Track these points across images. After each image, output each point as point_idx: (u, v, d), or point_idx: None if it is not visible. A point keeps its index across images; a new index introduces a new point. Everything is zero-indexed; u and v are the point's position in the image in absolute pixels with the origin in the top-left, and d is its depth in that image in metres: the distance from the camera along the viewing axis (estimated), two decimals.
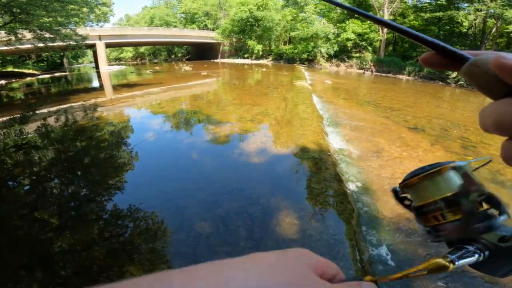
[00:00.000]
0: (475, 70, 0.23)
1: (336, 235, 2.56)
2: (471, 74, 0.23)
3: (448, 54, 0.25)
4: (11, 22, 13.84)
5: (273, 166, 4.15)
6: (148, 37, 34.40)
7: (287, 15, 32.09)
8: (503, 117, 0.20)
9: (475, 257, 0.26)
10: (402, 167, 4.47)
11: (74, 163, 4.40)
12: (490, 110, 0.21)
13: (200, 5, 48.40)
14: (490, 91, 0.22)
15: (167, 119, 7.27)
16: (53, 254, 2.39)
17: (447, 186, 0.29)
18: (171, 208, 3.09)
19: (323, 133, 5.63)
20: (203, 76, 18.47)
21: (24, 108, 9.36)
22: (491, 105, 0.22)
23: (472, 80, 0.24)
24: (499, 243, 0.25)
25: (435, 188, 0.29)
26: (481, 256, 0.26)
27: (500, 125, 0.21)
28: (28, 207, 3.15)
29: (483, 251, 0.26)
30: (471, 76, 0.23)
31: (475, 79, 0.23)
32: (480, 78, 0.23)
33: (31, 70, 29.20)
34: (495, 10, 16.61)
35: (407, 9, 26.96)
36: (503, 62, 0.20)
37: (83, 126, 6.60)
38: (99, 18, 22.40)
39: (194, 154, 4.81)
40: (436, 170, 0.29)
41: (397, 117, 7.77)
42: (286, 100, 9.00)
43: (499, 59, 0.20)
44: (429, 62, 0.27)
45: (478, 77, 0.23)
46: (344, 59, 27.48)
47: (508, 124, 0.20)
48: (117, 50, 58.29)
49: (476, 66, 0.23)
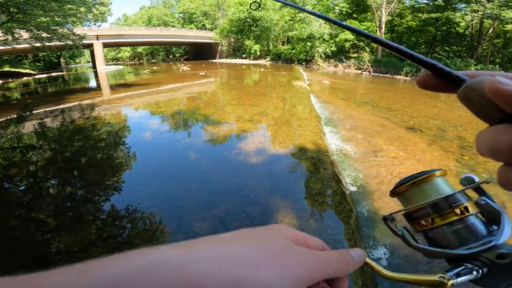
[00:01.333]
0: (471, 94, 0.22)
1: (335, 235, 2.56)
2: (467, 98, 0.23)
3: (445, 75, 0.25)
4: (8, 21, 13.72)
5: (271, 166, 4.15)
6: (146, 37, 34.32)
7: (285, 15, 32.13)
8: (497, 144, 0.20)
9: (474, 274, 0.26)
10: (400, 167, 4.48)
11: (71, 163, 4.38)
12: (485, 136, 0.21)
13: (198, 5, 48.38)
14: (485, 116, 0.22)
15: (165, 119, 7.26)
16: (50, 255, 2.38)
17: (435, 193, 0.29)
18: (169, 208, 3.08)
19: (321, 133, 5.64)
20: (201, 76, 18.45)
21: (21, 108, 9.30)
22: (486, 130, 0.21)
23: (467, 104, 0.23)
24: (497, 260, 0.25)
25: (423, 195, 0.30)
26: (480, 273, 0.26)
27: (494, 152, 0.20)
28: (25, 207, 3.13)
29: (481, 267, 0.27)
30: (467, 99, 0.23)
31: (470, 103, 0.22)
32: (476, 103, 0.22)
33: (27, 69, 29.06)
34: (492, 10, 16.72)
35: (404, 9, 27.08)
36: (498, 88, 0.19)
37: (80, 126, 6.56)
38: (97, 17, 22.30)
39: (192, 154, 4.80)
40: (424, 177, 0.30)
41: (394, 117, 7.80)
42: (284, 100, 9.00)
43: (494, 83, 0.19)
44: (426, 84, 0.26)
45: (474, 101, 0.22)
46: (342, 59, 27.55)
47: (502, 152, 0.20)
48: (115, 50, 58.10)
49: (472, 89, 0.22)
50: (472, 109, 0.22)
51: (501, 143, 0.19)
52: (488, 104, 0.21)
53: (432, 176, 0.30)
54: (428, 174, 0.30)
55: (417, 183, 0.30)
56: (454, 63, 18.64)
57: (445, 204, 0.29)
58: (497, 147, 0.20)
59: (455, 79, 0.24)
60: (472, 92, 0.22)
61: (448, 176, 0.34)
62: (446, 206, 0.28)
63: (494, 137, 0.20)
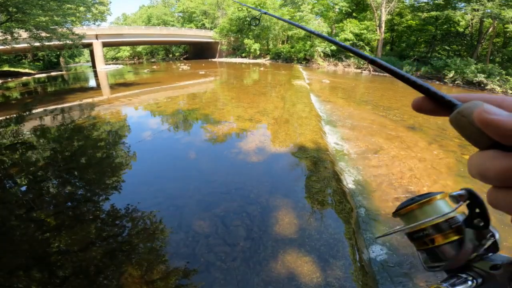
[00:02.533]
0: (461, 120, 0.23)
1: (336, 234, 2.56)
2: (458, 124, 0.23)
3: (438, 100, 0.25)
4: (7, 21, 13.67)
5: (271, 165, 4.15)
6: (145, 36, 34.24)
7: (285, 14, 32.06)
8: (485, 170, 0.21)
9: (468, 284, 0.28)
10: (400, 166, 4.48)
11: (71, 163, 4.37)
12: (474, 161, 0.22)
13: (198, 4, 48.26)
14: (475, 142, 0.22)
15: (165, 118, 7.25)
16: (51, 254, 2.37)
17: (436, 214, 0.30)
18: (169, 208, 3.08)
19: (321, 132, 5.63)
20: (201, 76, 18.42)
21: (20, 107, 9.28)
22: (476, 155, 0.22)
23: (458, 130, 0.23)
24: (491, 271, 0.27)
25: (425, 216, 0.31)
26: (474, 282, 0.28)
27: (482, 176, 0.21)
28: (25, 207, 3.13)
29: (476, 278, 0.28)
30: (458, 125, 0.23)
31: (461, 129, 0.23)
32: (466, 129, 0.22)
33: (27, 69, 28.99)
34: (492, 10, 16.68)
35: (404, 8, 27.02)
36: (485, 118, 0.20)
37: (80, 126, 6.55)
38: (96, 17, 22.24)
39: (192, 153, 4.79)
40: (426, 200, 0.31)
41: (394, 116, 7.79)
42: (284, 99, 8.99)
43: (482, 114, 0.20)
44: (421, 107, 0.27)
45: (464, 127, 0.23)
46: (341, 58, 27.51)
47: (489, 177, 0.20)
48: (114, 49, 57.99)
49: (462, 115, 0.23)
50: (463, 135, 0.23)
51: (488, 169, 0.20)
52: (477, 131, 0.21)
53: (434, 199, 0.31)
54: (429, 197, 0.31)
55: (419, 205, 0.32)
56: (454, 62, 18.60)
57: (446, 225, 0.30)
58: (484, 173, 0.21)
59: (447, 103, 0.25)
60: (463, 118, 0.23)
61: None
62: (446, 227, 0.30)
63: (482, 162, 0.21)
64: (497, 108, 0.20)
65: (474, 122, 0.21)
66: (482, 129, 0.21)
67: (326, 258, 2.27)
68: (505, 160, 0.19)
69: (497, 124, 0.19)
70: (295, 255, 2.30)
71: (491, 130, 0.20)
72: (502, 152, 0.20)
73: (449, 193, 0.31)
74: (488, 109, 0.20)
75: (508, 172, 0.19)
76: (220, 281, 2.10)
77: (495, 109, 0.20)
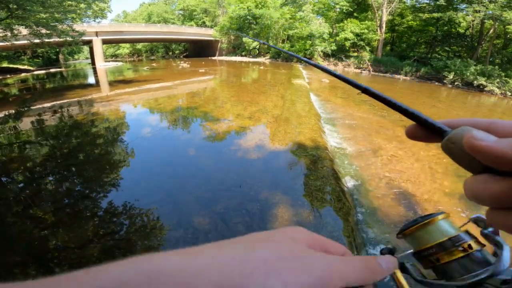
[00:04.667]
0: (452, 147, 0.23)
1: (334, 232, 2.57)
2: (449, 150, 0.24)
3: (428, 127, 0.26)
4: (7, 18, 13.60)
5: (271, 163, 4.15)
6: (145, 34, 34.15)
7: (286, 14, 32.03)
8: (478, 193, 0.21)
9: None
10: (398, 165, 4.49)
11: (69, 160, 4.36)
12: (469, 185, 0.22)
13: (198, 2, 48.18)
14: (467, 167, 0.23)
15: (164, 116, 7.24)
16: (48, 251, 2.37)
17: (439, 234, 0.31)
18: (168, 205, 3.08)
19: (320, 131, 5.64)
20: (201, 73, 18.40)
21: (19, 104, 9.25)
22: (470, 179, 0.23)
23: (450, 156, 0.24)
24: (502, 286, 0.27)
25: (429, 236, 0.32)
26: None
27: (477, 199, 0.22)
28: (23, 204, 3.12)
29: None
30: (449, 152, 0.24)
31: (452, 155, 0.23)
32: (457, 155, 0.23)
33: (26, 66, 28.90)
34: (494, 11, 16.69)
35: (405, 9, 27.03)
36: (474, 144, 0.20)
37: (78, 122, 6.54)
38: (97, 14, 22.12)
39: (192, 150, 4.79)
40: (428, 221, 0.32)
41: (393, 116, 7.80)
42: (284, 98, 8.99)
43: (470, 140, 0.21)
44: (413, 135, 0.28)
45: (455, 153, 0.23)
46: (341, 58, 27.53)
47: (483, 199, 0.21)
48: (114, 46, 57.83)
49: (452, 142, 0.23)
50: (455, 160, 0.23)
51: (482, 193, 0.21)
52: (467, 157, 0.22)
53: (436, 219, 0.32)
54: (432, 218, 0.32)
55: (422, 226, 0.33)
56: (454, 63, 18.63)
57: (450, 243, 0.30)
58: (479, 196, 0.21)
59: (438, 130, 0.25)
60: (453, 145, 0.23)
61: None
62: (450, 245, 0.30)
63: (476, 186, 0.22)
64: (485, 133, 0.21)
65: (463, 149, 0.22)
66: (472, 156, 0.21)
67: None
68: (496, 184, 0.20)
69: (485, 150, 0.20)
70: None
71: (480, 156, 0.20)
72: (493, 176, 0.21)
73: (470, 217, 0.33)
74: (476, 135, 0.21)
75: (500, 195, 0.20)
76: None
77: (483, 134, 0.21)
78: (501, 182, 0.20)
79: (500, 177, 0.20)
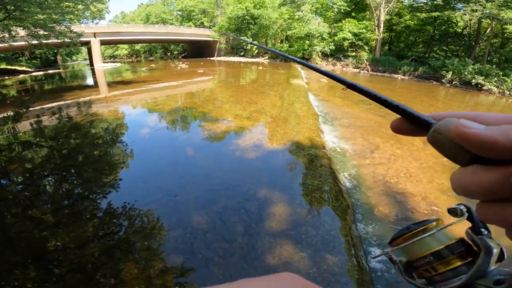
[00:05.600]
0: (439, 137, 0.23)
1: (332, 230, 2.59)
2: (436, 142, 0.23)
3: (414, 120, 0.25)
4: (4, 19, 13.58)
5: (269, 163, 4.17)
6: (143, 35, 34.12)
7: (284, 14, 32.06)
8: (467, 186, 0.21)
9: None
10: (396, 164, 4.52)
11: (68, 161, 4.37)
12: (457, 177, 0.22)
13: (197, 3, 48.13)
14: (455, 158, 0.22)
15: (163, 116, 7.25)
16: (48, 252, 2.38)
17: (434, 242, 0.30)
18: (167, 205, 3.09)
19: (318, 130, 5.66)
20: (199, 74, 18.40)
21: (18, 105, 9.24)
22: (458, 171, 0.22)
23: (437, 148, 0.23)
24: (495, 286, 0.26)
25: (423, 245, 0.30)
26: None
27: (466, 192, 0.21)
28: (22, 205, 3.13)
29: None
30: (436, 143, 0.23)
31: (439, 146, 0.23)
32: (444, 146, 0.22)
33: (24, 67, 28.85)
34: (491, 10, 16.75)
35: (403, 8, 27.10)
36: (463, 132, 0.20)
37: (77, 124, 6.54)
38: (94, 15, 22.07)
39: (191, 151, 4.81)
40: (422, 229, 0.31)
41: (391, 115, 7.59)
42: (283, 98, 9.01)
43: (459, 128, 0.20)
44: (399, 129, 0.27)
45: (442, 144, 0.22)
46: (340, 58, 27.56)
47: (473, 192, 0.21)
48: (112, 47, 57.78)
49: (439, 133, 0.23)
50: (442, 152, 0.23)
51: (471, 185, 0.20)
52: (455, 147, 0.21)
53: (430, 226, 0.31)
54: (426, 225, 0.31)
55: (415, 234, 0.31)
56: (452, 62, 18.69)
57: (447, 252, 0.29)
58: (468, 188, 0.21)
59: (424, 123, 0.24)
60: (440, 136, 0.22)
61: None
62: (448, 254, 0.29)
63: (465, 178, 0.21)
64: (473, 122, 0.20)
65: (452, 138, 0.21)
66: (460, 144, 0.21)
67: (322, 253, 2.30)
68: (486, 174, 0.19)
69: (475, 136, 0.19)
70: (292, 250, 2.33)
71: (470, 144, 0.20)
72: (482, 166, 0.20)
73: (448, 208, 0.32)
74: (465, 123, 0.20)
75: (490, 185, 0.19)
76: (218, 276, 2.12)
77: (472, 123, 0.20)
78: (492, 172, 0.19)
79: (490, 167, 0.20)
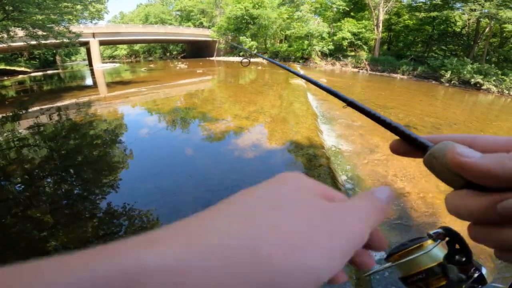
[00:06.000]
0: (434, 162, 0.23)
1: None
2: (430, 165, 0.23)
3: (411, 141, 0.25)
4: (3, 19, 13.57)
5: (268, 163, 4.19)
6: (142, 35, 34.10)
7: (283, 14, 32.06)
8: (459, 209, 0.21)
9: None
10: (395, 164, 4.53)
11: (67, 161, 4.37)
12: (450, 200, 0.22)
13: (195, 3, 48.09)
14: (448, 182, 0.23)
15: (162, 116, 7.25)
16: (48, 252, 2.39)
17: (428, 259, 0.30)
18: (167, 205, 3.10)
19: (317, 130, 5.68)
20: (199, 74, 18.40)
21: (17, 106, 9.23)
22: (451, 194, 0.23)
23: (432, 171, 0.23)
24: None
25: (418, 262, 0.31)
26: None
27: (458, 215, 0.22)
28: (22, 205, 3.14)
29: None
30: (430, 167, 0.23)
31: (434, 170, 0.23)
32: (438, 170, 0.23)
33: (23, 67, 28.82)
34: (489, 10, 16.79)
35: (402, 8, 27.13)
36: (459, 161, 0.20)
37: (76, 124, 6.54)
38: (93, 15, 22.07)
39: (189, 151, 4.82)
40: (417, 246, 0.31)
41: (390, 115, 7.85)
42: (282, 98, 9.02)
43: (454, 155, 0.20)
44: (397, 150, 0.27)
45: (436, 169, 0.23)
46: (339, 57, 27.58)
47: (464, 215, 0.21)
48: (111, 47, 57.74)
49: (434, 157, 0.23)
50: (436, 175, 0.23)
51: (462, 208, 0.21)
52: (449, 172, 0.22)
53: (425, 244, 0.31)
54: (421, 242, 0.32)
55: (411, 252, 0.32)
56: (451, 62, 18.72)
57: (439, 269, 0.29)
58: (459, 211, 0.22)
59: (421, 145, 0.24)
60: (435, 160, 0.23)
61: None
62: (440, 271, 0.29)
63: (457, 201, 0.22)
64: (469, 149, 0.21)
65: (446, 164, 0.21)
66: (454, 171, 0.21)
67: None
68: (476, 199, 0.20)
69: (470, 166, 0.19)
70: None
71: (464, 172, 0.20)
72: (474, 191, 0.20)
73: (427, 232, 0.32)
74: (461, 151, 0.20)
75: (480, 210, 0.20)
76: None
77: (468, 150, 0.20)
78: (479, 198, 0.20)
79: (480, 193, 0.20)
